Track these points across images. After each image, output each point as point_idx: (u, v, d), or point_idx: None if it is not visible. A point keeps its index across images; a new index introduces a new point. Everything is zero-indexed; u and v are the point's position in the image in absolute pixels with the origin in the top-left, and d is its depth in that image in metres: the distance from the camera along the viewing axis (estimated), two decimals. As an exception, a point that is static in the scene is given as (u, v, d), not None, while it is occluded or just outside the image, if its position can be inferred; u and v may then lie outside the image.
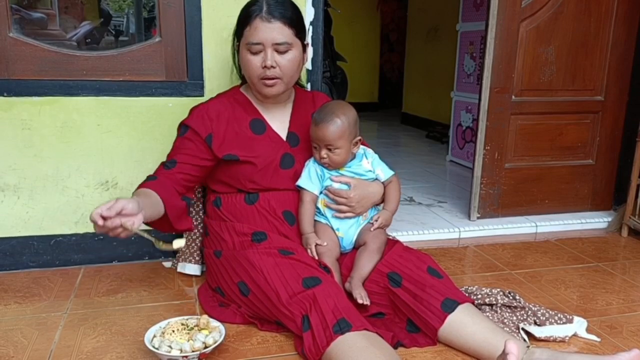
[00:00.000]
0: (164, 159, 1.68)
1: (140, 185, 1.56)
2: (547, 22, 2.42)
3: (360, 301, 1.52)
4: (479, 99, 2.41)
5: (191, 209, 1.89)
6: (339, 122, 1.60)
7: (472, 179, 2.48)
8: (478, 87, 3.62)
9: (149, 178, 1.60)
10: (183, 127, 1.70)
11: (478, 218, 2.52)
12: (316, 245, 1.63)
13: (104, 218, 1.24)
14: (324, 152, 1.65)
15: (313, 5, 2.02)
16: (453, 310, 1.46)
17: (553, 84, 2.50)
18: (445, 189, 3.17)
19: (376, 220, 1.70)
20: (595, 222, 2.58)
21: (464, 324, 1.44)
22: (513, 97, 2.46)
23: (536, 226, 2.50)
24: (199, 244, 1.92)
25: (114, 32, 4.04)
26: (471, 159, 3.64)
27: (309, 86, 2.08)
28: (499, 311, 1.60)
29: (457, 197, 2.94)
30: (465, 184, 3.23)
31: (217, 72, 1.97)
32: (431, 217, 2.58)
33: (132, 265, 2.02)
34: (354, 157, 1.71)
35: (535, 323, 1.58)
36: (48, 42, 1.87)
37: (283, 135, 1.76)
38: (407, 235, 2.34)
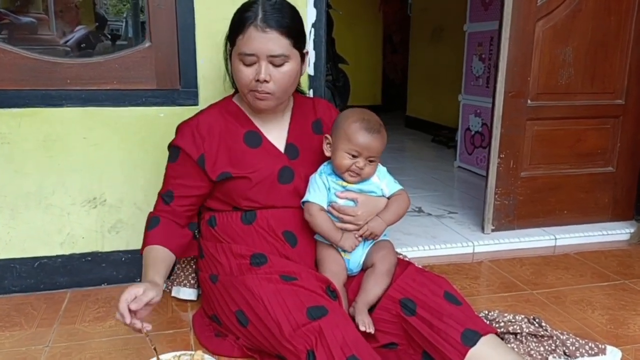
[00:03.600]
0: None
1: (147, 237, 1.51)
2: (564, 21, 2.28)
3: (362, 328, 1.37)
4: (493, 104, 2.26)
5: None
6: (385, 134, 1.50)
7: (486, 189, 2.33)
8: (488, 90, 3.55)
9: (152, 222, 1.53)
10: (173, 149, 1.56)
11: (492, 230, 2.37)
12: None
13: (132, 312, 1.21)
14: (363, 163, 1.50)
15: (315, 6, 1.87)
16: (475, 344, 1.30)
17: (571, 87, 2.35)
18: (454, 197, 3.02)
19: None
20: (616, 233, 2.42)
21: (487, 358, 1.29)
22: (529, 101, 2.31)
23: (555, 239, 2.34)
24: (193, 267, 1.78)
25: (110, 37, 3.91)
26: (481, 165, 3.53)
27: (311, 92, 1.93)
28: (525, 341, 1.45)
29: (469, 207, 2.79)
30: (475, 192, 3.08)
31: (212, 79, 1.83)
32: (442, 229, 2.43)
33: (123, 288, 1.85)
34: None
35: (565, 354, 1.43)
36: (39, 48, 1.75)
37: (281, 147, 1.61)
38: (417, 250, 2.20)
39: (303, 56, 1.52)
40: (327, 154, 1.56)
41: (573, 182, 2.44)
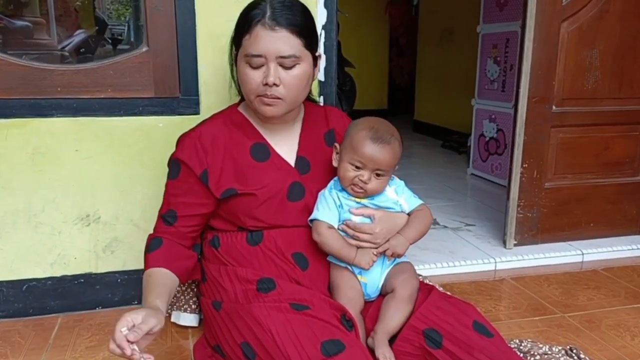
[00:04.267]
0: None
1: (148, 259, 1.36)
2: (590, 22, 2.13)
3: (383, 363, 1.23)
4: (515, 110, 2.12)
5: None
6: (397, 146, 1.34)
7: (508, 201, 2.19)
8: (504, 94, 3.41)
9: (153, 244, 1.38)
10: (173, 163, 1.41)
11: (515, 245, 2.22)
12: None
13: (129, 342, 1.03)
14: (368, 176, 1.35)
15: (325, 6, 1.73)
16: (510, 383, 1.16)
17: (598, 91, 2.20)
18: (470, 208, 2.87)
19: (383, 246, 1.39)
20: (647, 247, 2.27)
21: (525, 401, 1.14)
22: (553, 107, 2.16)
23: (582, 254, 2.19)
24: (195, 289, 1.64)
25: (110, 41, 3.78)
26: (496, 173, 3.39)
27: (321, 100, 1.79)
28: (564, 378, 1.30)
29: (486, 219, 2.64)
30: (492, 202, 2.94)
31: (214, 86, 1.69)
32: (460, 244, 2.28)
33: (119, 312, 1.70)
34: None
35: (609, 392, 1.28)
36: (35, 53, 1.62)
37: (291, 160, 1.46)
38: (434, 268, 2.05)
39: (315, 59, 1.38)
40: (335, 164, 1.42)
41: (600, 192, 2.29)
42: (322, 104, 1.76)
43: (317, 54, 1.39)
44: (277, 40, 1.27)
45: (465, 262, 2.08)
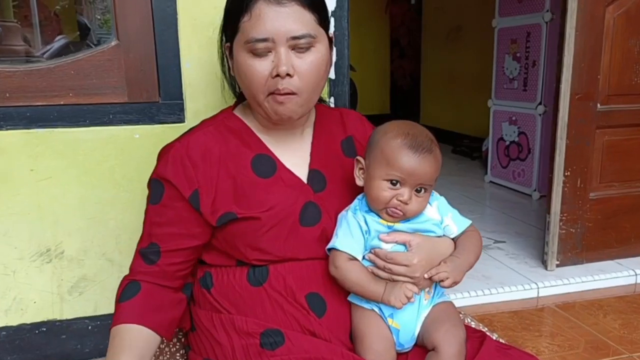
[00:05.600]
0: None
1: (120, 311, 1.05)
2: (639, 5, 1.84)
3: None
4: (556, 110, 1.82)
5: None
6: (439, 153, 1.07)
7: (549, 216, 1.88)
8: (525, 94, 3.10)
9: (128, 290, 1.07)
10: (155, 183, 1.10)
11: (557, 266, 1.91)
12: None
13: None
14: (408, 195, 1.05)
15: (335, -12, 1.44)
16: None
17: (648, 86, 1.91)
18: (495, 221, 2.57)
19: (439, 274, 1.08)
20: None
21: None
22: (598, 105, 1.86)
23: (635, 274, 1.89)
24: (182, 339, 1.32)
25: (94, 46, 3.49)
26: (519, 180, 3.09)
27: (331, 101, 1.49)
28: None
29: (516, 233, 2.34)
30: (519, 213, 2.64)
31: (202, 87, 1.39)
32: (493, 265, 1.98)
33: (91, 367, 1.42)
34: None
35: None
36: (6, 60, 1.34)
37: (302, 175, 1.15)
38: (468, 297, 1.74)
39: (330, 40, 1.08)
40: (359, 183, 1.12)
41: (652, 203, 2.00)
42: (332, 106, 1.46)
43: (330, 34, 1.09)
44: (286, 17, 0.97)
45: (503, 288, 1.78)
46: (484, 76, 3.43)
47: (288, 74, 0.98)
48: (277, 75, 0.98)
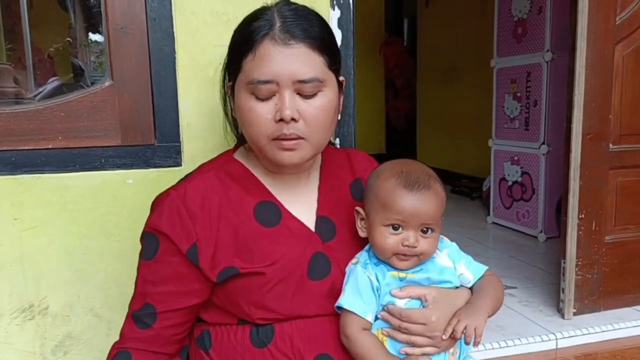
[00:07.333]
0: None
1: None
2: (647, 43, 1.81)
3: None
4: (567, 150, 1.75)
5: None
6: (439, 188, 0.99)
7: (564, 261, 1.79)
8: (527, 133, 3.05)
9: None
10: (149, 237, 1.00)
11: (574, 314, 1.81)
12: None
13: None
14: (414, 237, 0.96)
15: (340, 26, 1.38)
16: None
17: (661, 125, 1.86)
18: (503, 265, 2.46)
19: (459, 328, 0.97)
20: None
21: None
22: (610, 145, 1.80)
23: (657, 323, 1.79)
24: (177, 406, 1.19)
25: (88, 87, 3.44)
26: (523, 222, 3.01)
27: (337, 142, 1.42)
28: None
29: (526, 278, 2.24)
30: (526, 257, 2.55)
31: (200, 129, 1.31)
32: (507, 314, 1.87)
33: None
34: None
35: None
36: None
37: (309, 223, 1.06)
38: (483, 350, 1.63)
39: (340, 85, 1.01)
40: (362, 234, 1.03)
41: (668, 245, 1.91)
42: (338, 147, 1.38)
43: (341, 78, 1.02)
44: (293, 59, 0.90)
45: (520, 340, 1.67)
46: (481, 116, 3.40)
47: (293, 119, 0.91)
48: (281, 120, 0.91)
